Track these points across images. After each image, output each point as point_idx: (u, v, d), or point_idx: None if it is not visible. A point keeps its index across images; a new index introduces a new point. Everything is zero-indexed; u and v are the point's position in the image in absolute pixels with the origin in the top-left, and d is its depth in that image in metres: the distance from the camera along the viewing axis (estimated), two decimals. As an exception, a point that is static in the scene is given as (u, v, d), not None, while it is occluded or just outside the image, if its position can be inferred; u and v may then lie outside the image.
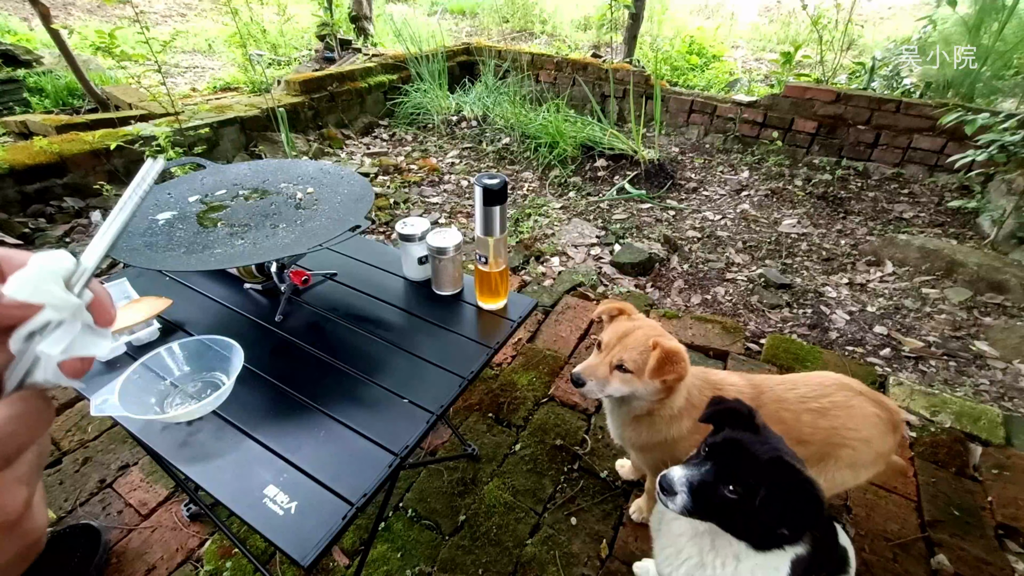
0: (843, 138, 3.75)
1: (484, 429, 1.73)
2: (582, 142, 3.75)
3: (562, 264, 2.71)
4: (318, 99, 4.02)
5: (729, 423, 0.87)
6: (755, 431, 0.84)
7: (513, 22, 8.38)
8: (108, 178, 2.92)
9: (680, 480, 0.81)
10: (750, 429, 0.84)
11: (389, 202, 3.21)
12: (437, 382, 1.03)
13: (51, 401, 0.28)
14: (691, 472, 0.82)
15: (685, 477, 0.81)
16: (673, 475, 0.82)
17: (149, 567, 1.34)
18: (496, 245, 1.13)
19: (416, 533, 1.43)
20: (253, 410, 0.95)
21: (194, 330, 1.13)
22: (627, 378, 1.07)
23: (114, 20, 6.78)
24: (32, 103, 4.35)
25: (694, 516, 0.83)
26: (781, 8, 7.91)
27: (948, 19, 3.81)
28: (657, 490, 0.84)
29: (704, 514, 0.82)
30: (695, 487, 0.80)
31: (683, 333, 2.15)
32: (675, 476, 0.82)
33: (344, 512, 0.79)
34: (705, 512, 0.82)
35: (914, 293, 2.55)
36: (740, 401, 0.91)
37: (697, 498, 0.80)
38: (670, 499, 0.81)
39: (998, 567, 1.37)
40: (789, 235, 3.04)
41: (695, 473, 0.81)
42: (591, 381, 1.09)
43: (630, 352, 1.06)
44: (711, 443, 0.84)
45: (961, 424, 1.76)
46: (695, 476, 0.81)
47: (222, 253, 1.06)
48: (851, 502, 1.53)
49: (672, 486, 0.81)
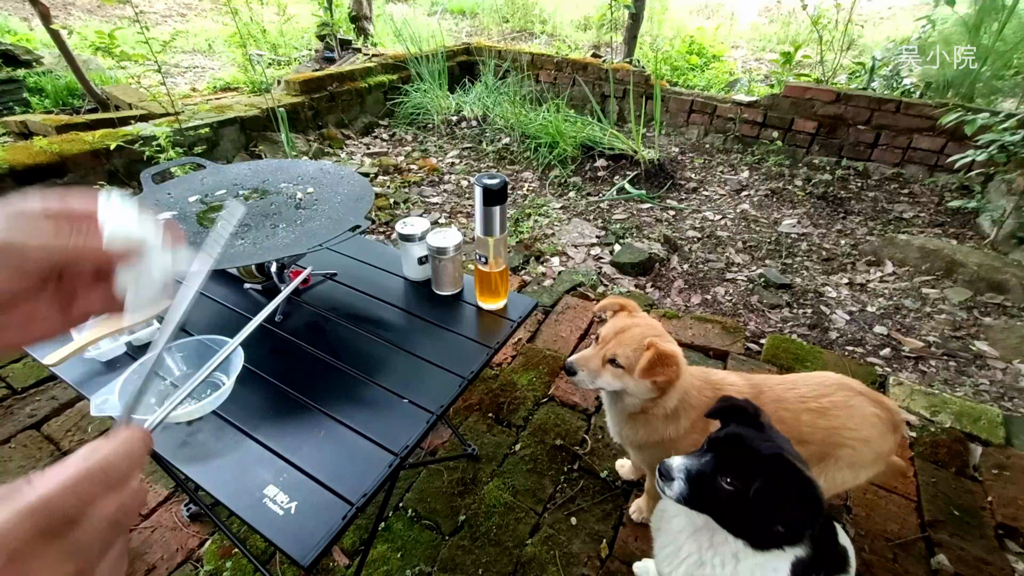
0: (843, 138, 3.75)
1: (484, 429, 1.73)
2: (582, 142, 3.75)
3: (562, 264, 2.71)
4: (318, 99, 4.02)
5: (735, 420, 0.87)
6: (759, 429, 0.84)
7: (513, 22, 8.38)
8: (108, 178, 2.92)
9: (679, 467, 0.83)
10: (755, 427, 0.85)
11: (389, 202, 3.21)
12: (437, 382, 1.03)
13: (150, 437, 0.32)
14: (690, 461, 0.83)
15: (684, 465, 0.83)
16: (672, 462, 0.84)
17: (149, 567, 1.34)
18: (496, 245, 1.13)
19: (416, 533, 1.43)
20: (253, 410, 0.95)
21: (194, 330, 1.13)
22: (618, 373, 1.08)
23: (114, 20, 6.78)
24: (32, 103, 4.35)
25: (690, 505, 0.83)
26: (781, 8, 7.91)
27: (948, 19, 3.81)
28: (657, 477, 0.85)
29: (700, 504, 0.83)
30: (692, 475, 0.81)
31: (683, 333, 2.15)
32: (674, 463, 0.84)
33: (344, 512, 0.79)
34: (701, 503, 0.82)
35: (914, 293, 2.55)
36: (748, 401, 0.91)
37: (694, 487, 0.81)
38: (667, 485, 0.83)
39: (998, 567, 1.37)
40: (789, 235, 3.04)
41: (694, 463, 0.83)
42: (583, 371, 1.10)
43: (624, 348, 1.07)
44: (713, 437, 0.85)
45: (961, 424, 1.76)
46: (694, 465, 0.82)
47: (222, 253, 1.06)
48: (851, 502, 1.53)
49: (670, 472, 0.83)
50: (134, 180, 3.00)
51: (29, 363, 1.90)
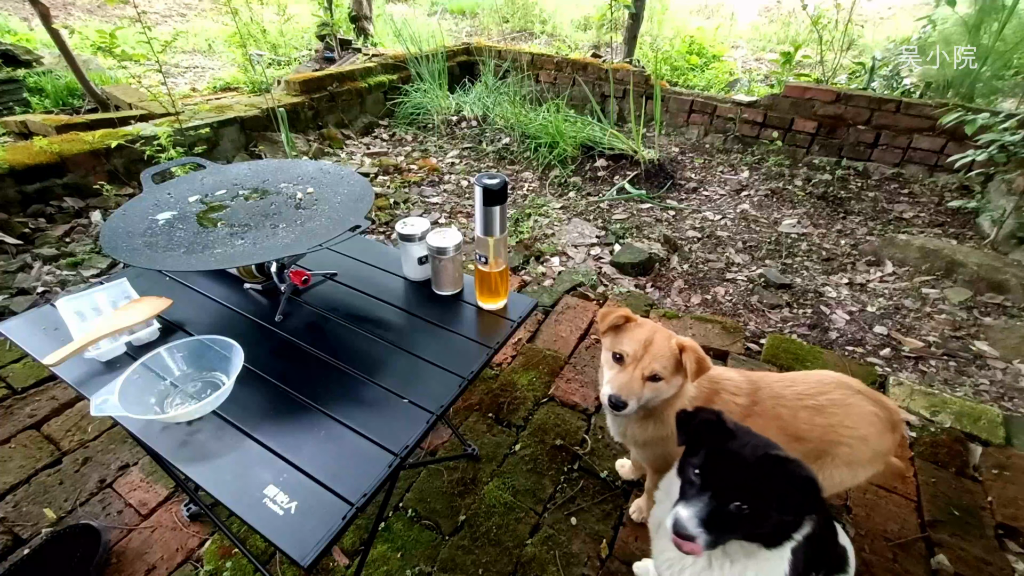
0: (843, 138, 3.75)
1: (484, 429, 1.73)
2: (582, 142, 3.75)
3: (562, 264, 2.71)
4: (318, 99, 4.02)
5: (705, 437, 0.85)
6: (730, 434, 0.83)
7: (513, 22, 8.38)
8: (108, 178, 2.92)
9: (691, 520, 0.79)
10: (725, 434, 0.83)
11: (389, 202, 3.21)
12: (437, 382, 1.03)
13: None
14: (696, 508, 0.79)
15: (694, 515, 0.79)
16: (682, 518, 0.79)
17: (149, 567, 1.34)
18: (496, 245, 1.13)
19: (416, 533, 1.43)
20: (253, 410, 0.95)
21: (194, 330, 1.13)
22: (658, 386, 1.06)
23: (114, 20, 6.78)
24: (32, 103, 4.35)
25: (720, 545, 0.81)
26: (781, 8, 7.91)
27: (948, 19, 3.81)
28: (673, 537, 0.81)
29: (726, 538, 0.81)
30: (707, 521, 0.78)
31: (683, 333, 2.15)
32: (685, 519, 0.79)
33: (344, 512, 0.79)
34: (726, 536, 0.80)
35: (914, 293, 2.55)
36: (703, 408, 0.90)
37: (714, 530, 0.78)
38: (691, 544, 0.79)
39: (998, 567, 1.37)
40: (789, 235, 3.04)
41: (701, 508, 0.79)
42: (632, 400, 1.04)
43: (660, 361, 1.04)
44: (701, 468, 0.82)
45: (961, 424, 1.76)
46: (702, 511, 0.79)
47: (222, 253, 1.06)
48: (851, 502, 1.53)
49: (686, 530, 0.78)
50: (134, 180, 3.00)
51: (29, 363, 1.90)
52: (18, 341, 1.09)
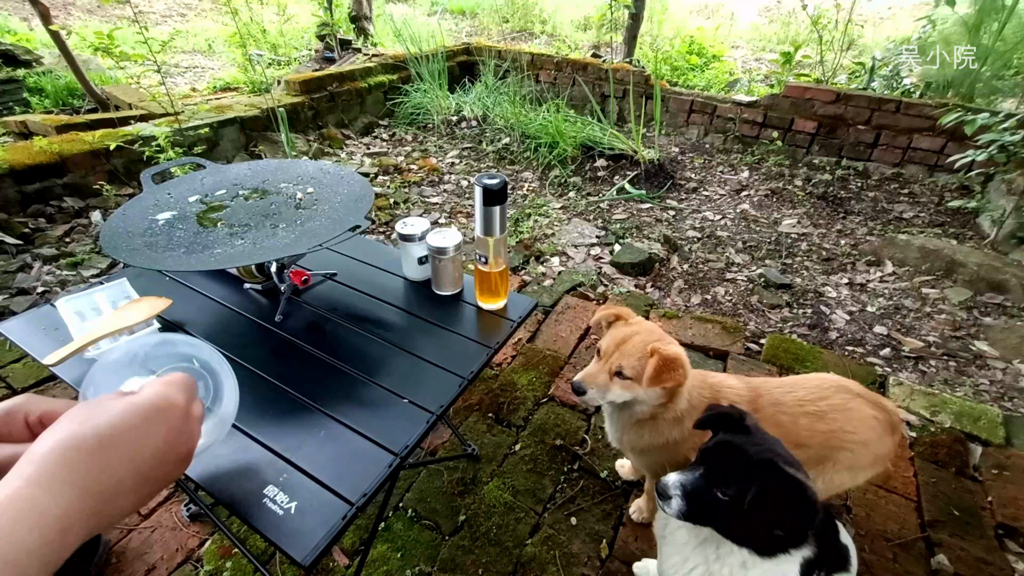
0: (843, 138, 3.75)
1: (484, 429, 1.73)
2: (582, 142, 3.75)
3: (562, 264, 2.71)
4: (318, 99, 4.02)
5: (724, 427, 0.88)
6: (747, 433, 0.85)
7: (513, 22, 8.38)
8: (108, 178, 2.92)
9: (674, 485, 0.83)
10: (743, 431, 0.85)
11: (389, 202, 3.21)
12: (437, 382, 1.03)
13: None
14: (685, 477, 0.84)
15: (679, 482, 0.83)
16: (668, 480, 0.85)
17: (149, 567, 1.34)
18: (496, 245, 1.13)
19: (416, 533, 1.43)
20: (253, 410, 0.95)
21: (194, 330, 1.13)
22: (627, 384, 1.07)
23: (114, 20, 6.78)
24: (32, 103, 4.35)
25: (691, 520, 0.84)
26: (781, 8, 7.91)
27: (948, 19, 3.81)
28: (656, 496, 0.85)
29: (700, 518, 0.83)
30: (689, 491, 0.82)
31: (683, 333, 2.15)
32: (669, 481, 0.84)
33: (344, 512, 0.79)
34: (701, 516, 0.83)
35: (914, 293, 2.55)
36: (732, 406, 0.92)
37: (692, 502, 0.82)
38: (666, 503, 0.84)
39: (998, 567, 1.37)
40: (789, 235, 3.04)
41: (689, 478, 0.83)
42: (592, 389, 1.09)
43: (628, 359, 1.06)
44: (704, 448, 0.86)
45: (961, 424, 1.76)
46: (688, 480, 0.83)
47: (222, 253, 1.06)
48: (851, 502, 1.53)
49: (667, 490, 0.84)
50: (134, 180, 3.00)
51: (29, 363, 1.90)
52: (18, 341, 1.09)
